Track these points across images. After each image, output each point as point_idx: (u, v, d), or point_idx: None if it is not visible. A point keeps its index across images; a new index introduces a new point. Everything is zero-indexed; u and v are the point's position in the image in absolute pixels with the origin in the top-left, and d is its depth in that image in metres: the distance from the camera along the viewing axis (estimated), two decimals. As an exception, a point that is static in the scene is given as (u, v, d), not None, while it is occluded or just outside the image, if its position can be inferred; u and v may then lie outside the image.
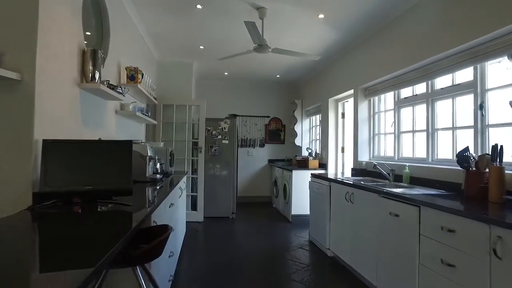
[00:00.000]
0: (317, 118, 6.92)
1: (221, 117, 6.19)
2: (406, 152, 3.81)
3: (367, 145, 4.52)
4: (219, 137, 5.88)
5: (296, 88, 7.68)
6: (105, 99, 2.91)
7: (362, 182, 3.38)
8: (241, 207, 6.80)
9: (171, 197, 2.74)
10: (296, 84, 7.58)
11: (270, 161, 7.63)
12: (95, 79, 2.36)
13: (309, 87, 6.86)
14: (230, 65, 6.14)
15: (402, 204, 2.43)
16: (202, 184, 5.61)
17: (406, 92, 3.85)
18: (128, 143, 1.94)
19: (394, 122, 3.96)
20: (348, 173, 5.14)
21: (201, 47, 5.01)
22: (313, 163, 5.71)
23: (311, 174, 4.55)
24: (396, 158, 3.90)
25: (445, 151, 3.19)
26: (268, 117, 7.70)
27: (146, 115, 3.80)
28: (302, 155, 7.09)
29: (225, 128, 5.89)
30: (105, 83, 2.56)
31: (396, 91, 3.94)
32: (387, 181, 3.51)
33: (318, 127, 6.75)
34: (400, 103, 3.89)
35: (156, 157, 3.60)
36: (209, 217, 5.81)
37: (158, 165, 3.62)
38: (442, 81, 3.27)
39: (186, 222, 5.33)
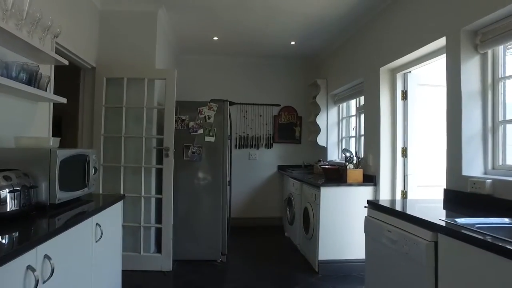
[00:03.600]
0: (351, 105, 4.67)
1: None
2: None
3: (480, 145, 2.27)
4: (200, 131, 3.66)
5: (318, 62, 5.42)
6: None
7: None
8: (237, 236, 4.57)
9: None
10: (319, 57, 5.31)
11: (281, 168, 5.39)
12: None
13: (339, 58, 4.61)
14: (220, 24, 3.93)
15: None
16: (171, 208, 3.38)
17: None
18: None
19: None
20: (430, 198, 2.93)
21: (161, -30, 2.81)
22: (355, 174, 3.46)
23: (369, 202, 2.29)
24: None
25: None
26: (278, 105, 5.47)
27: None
28: (329, 159, 4.85)
29: (209, 118, 3.67)
30: None
31: None
32: None
33: (353, 118, 4.50)
34: None
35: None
36: (184, 260, 3.60)
37: (6, 194, 1.44)
38: None
39: (144, 271, 3.19)
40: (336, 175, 3.72)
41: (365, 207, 2.29)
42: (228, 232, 3.90)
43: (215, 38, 4.51)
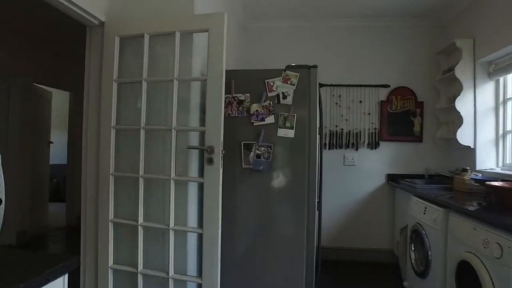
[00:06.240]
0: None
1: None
2: None
3: None
4: (269, 120, 2.18)
5: (457, 13, 3.47)
6: None
7: None
8: (326, 277, 2.99)
9: None
10: (461, 3, 3.40)
11: (392, 178, 3.64)
12: None
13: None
14: None
15: None
16: (218, 251, 1.96)
17: None
18: None
19: None
20: None
21: None
22: None
23: None
24: None
25: None
26: (387, 86, 3.72)
27: None
28: (479, 167, 2.98)
29: (285, 97, 2.16)
30: None
31: None
32: None
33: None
34: None
35: None
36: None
37: None
38: None
39: None
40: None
41: None
42: (316, 281, 2.37)
43: (294, -17, 3.00)
